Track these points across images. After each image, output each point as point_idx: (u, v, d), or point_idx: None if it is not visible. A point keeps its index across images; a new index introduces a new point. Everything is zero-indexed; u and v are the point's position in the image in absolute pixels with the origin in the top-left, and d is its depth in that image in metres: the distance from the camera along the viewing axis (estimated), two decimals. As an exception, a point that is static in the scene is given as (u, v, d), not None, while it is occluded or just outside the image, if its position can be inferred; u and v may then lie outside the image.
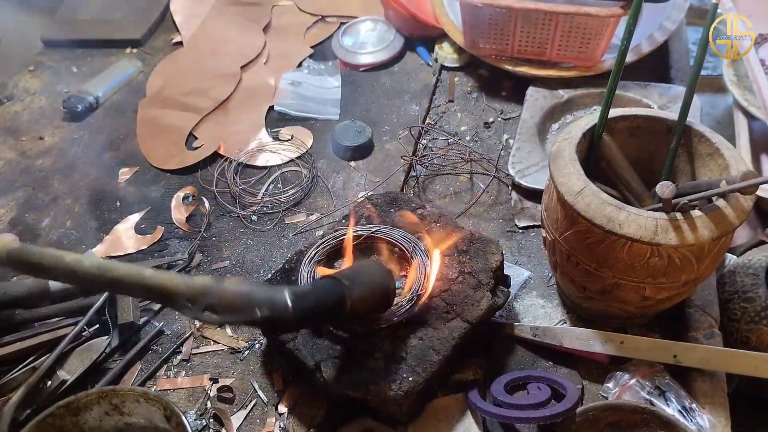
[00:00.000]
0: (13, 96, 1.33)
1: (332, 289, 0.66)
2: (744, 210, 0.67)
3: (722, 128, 1.19)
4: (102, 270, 0.60)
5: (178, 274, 0.60)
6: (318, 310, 0.63)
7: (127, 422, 0.72)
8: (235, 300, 0.58)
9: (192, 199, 1.08)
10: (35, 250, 0.62)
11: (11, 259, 0.61)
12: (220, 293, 0.58)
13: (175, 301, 0.58)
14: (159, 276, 0.59)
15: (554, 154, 0.75)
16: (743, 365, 0.74)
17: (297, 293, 0.61)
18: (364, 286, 0.68)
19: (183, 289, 0.58)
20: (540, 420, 0.70)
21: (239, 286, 0.59)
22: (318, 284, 0.66)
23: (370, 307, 0.70)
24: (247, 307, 0.58)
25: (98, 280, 0.60)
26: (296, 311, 0.60)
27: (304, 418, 0.78)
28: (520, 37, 1.16)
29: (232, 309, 0.58)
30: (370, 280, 0.70)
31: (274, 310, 0.59)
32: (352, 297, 0.66)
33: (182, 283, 0.58)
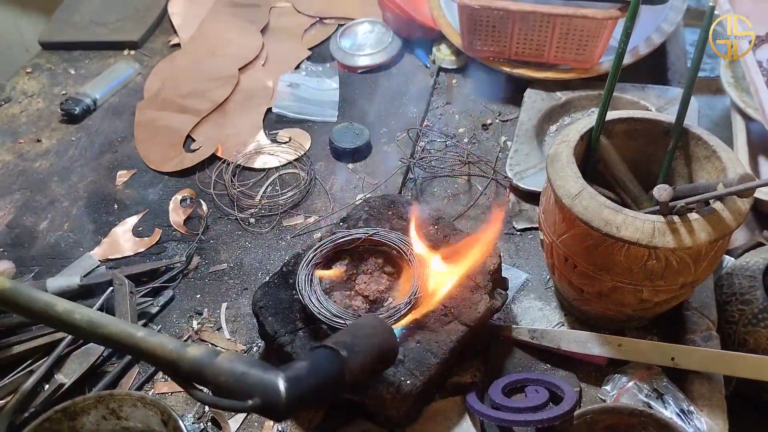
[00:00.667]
0: (11, 98, 1.32)
1: (330, 365, 0.59)
2: (741, 213, 0.67)
3: (719, 130, 1.19)
4: (92, 325, 0.58)
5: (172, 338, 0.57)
6: (315, 392, 0.57)
7: (125, 426, 0.72)
8: (229, 380, 0.54)
9: (190, 202, 1.08)
10: (26, 294, 0.59)
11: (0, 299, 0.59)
12: (212, 371, 0.54)
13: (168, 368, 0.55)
14: (150, 340, 0.56)
15: (552, 157, 0.75)
16: (741, 368, 0.74)
17: (291, 379, 0.55)
18: (364, 353, 0.61)
19: (174, 358, 0.55)
20: (538, 423, 0.70)
21: (233, 365, 0.55)
22: (314, 361, 0.59)
23: (371, 374, 0.64)
24: (238, 392, 0.54)
25: (87, 334, 0.58)
26: (290, 400, 0.54)
27: (301, 421, 0.78)
28: (518, 39, 1.16)
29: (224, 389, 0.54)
30: (371, 343, 0.63)
31: (266, 398, 0.54)
32: (352, 369, 0.59)
33: (174, 352, 0.55)
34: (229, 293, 0.94)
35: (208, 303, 0.93)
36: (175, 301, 0.93)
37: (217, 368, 0.54)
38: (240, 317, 0.91)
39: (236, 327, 0.90)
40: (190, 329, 0.89)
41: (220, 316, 0.91)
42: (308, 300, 0.77)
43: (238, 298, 0.93)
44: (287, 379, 0.55)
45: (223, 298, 0.94)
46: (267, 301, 0.80)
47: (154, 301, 0.92)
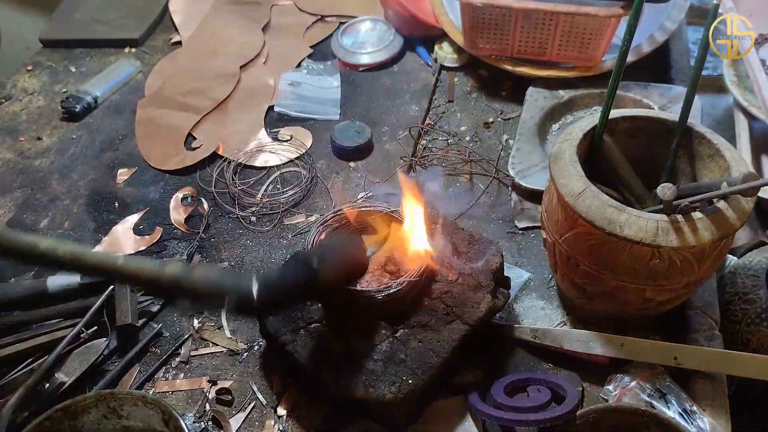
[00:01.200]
0: (12, 96, 1.32)
1: (301, 271, 0.66)
2: (745, 212, 0.67)
3: (723, 129, 1.19)
4: (75, 258, 0.61)
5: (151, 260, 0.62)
6: (286, 294, 0.65)
7: (125, 425, 0.72)
8: (205, 288, 0.60)
9: (191, 200, 1.08)
10: (10, 236, 0.64)
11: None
12: (190, 282, 0.59)
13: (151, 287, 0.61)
14: (131, 263, 0.60)
15: (555, 155, 0.74)
16: (744, 367, 0.74)
17: (264, 281, 0.62)
18: (334, 259, 0.69)
19: (155, 277, 0.59)
20: (540, 423, 0.70)
21: (209, 275, 0.60)
22: (287, 268, 0.67)
23: (342, 279, 0.72)
24: (215, 295, 0.60)
25: (72, 265, 0.62)
26: (261, 299, 0.61)
27: (303, 420, 0.78)
28: (520, 37, 1.16)
29: (202, 297, 0.60)
30: (341, 251, 0.72)
31: (241, 298, 0.60)
32: (323, 274, 0.66)
33: (154, 271, 0.60)
34: (230, 292, 0.94)
35: (209, 301, 0.93)
36: (176, 299, 0.93)
37: (195, 280, 0.60)
38: (241, 316, 0.91)
39: (237, 326, 0.89)
40: (191, 328, 0.89)
41: (221, 314, 0.91)
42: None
43: (239, 297, 0.93)
44: (260, 281, 0.62)
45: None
46: (268, 299, 0.79)
47: (154, 299, 0.92)
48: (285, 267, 0.67)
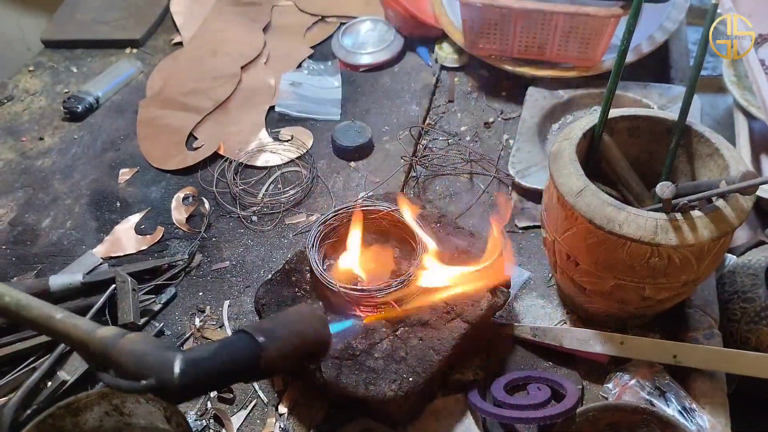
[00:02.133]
0: (13, 96, 1.33)
1: (241, 350, 0.57)
2: (744, 210, 0.67)
3: (722, 128, 1.19)
4: (19, 308, 0.59)
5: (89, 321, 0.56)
6: (216, 375, 0.55)
7: (128, 423, 0.72)
8: (129, 362, 0.53)
9: (192, 200, 1.08)
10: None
11: None
12: (116, 352, 0.53)
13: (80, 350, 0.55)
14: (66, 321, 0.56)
15: (554, 155, 0.75)
16: (743, 365, 0.74)
17: (189, 360, 0.53)
18: (284, 341, 0.59)
19: (84, 339, 0.55)
20: (540, 420, 0.70)
21: (135, 346, 0.54)
22: (225, 344, 0.57)
23: (292, 363, 0.61)
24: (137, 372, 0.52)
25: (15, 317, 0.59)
26: (183, 381, 0.53)
27: (303, 418, 0.78)
28: (520, 38, 1.16)
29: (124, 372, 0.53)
30: (295, 331, 0.61)
31: (160, 379, 0.52)
32: (267, 356, 0.57)
33: (85, 333, 0.55)
34: (231, 291, 0.94)
35: (210, 300, 0.93)
36: (178, 298, 0.94)
37: (121, 349, 0.54)
38: (242, 315, 0.91)
39: (239, 324, 0.90)
40: (193, 327, 0.89)
41: (222, 313, 0.91)
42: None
43: (241, 296, 0.93)
44: (185, 360, 0.54)
45: (226, 295, 0.94)
46: (269, 298, 0.80)
47: (156, 298, 0.92)
48: (223, 342, 0.57)
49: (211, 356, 0.55)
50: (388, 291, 0.75)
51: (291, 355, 0.59)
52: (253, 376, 0.59)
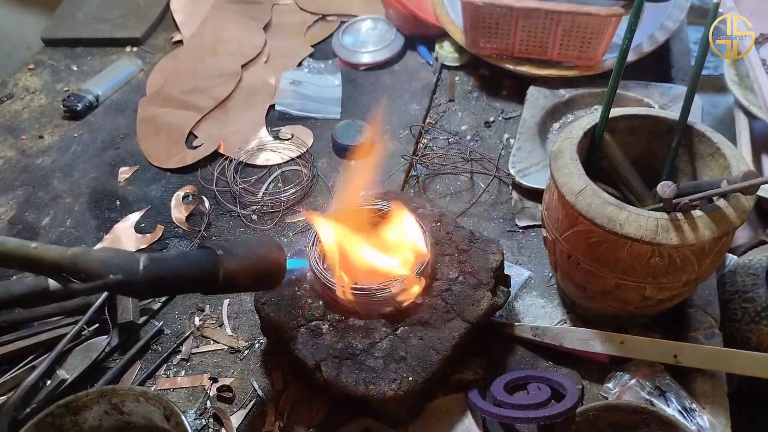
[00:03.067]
0: (13, 94, 1.33)
1: (201, 257, 0.63)
2: (745, 210, 0.67)
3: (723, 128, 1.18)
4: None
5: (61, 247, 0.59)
6: (178, 276, 0.62)
7: (127, 421, 0.72)
8: (98, 266, 0.57)
9: (192, 198, 1.08)
10: None
11: None
12: (85, 260, 0.57)
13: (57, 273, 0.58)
14: (40, 247, 0.58)
15: (555, 154, 0.75)
16: (743, 365, 0.74)
17: (154, 258, 0.60)
18: (243, 256, 0.65)
19: (56, 258, 0.57)
20: (540, 420, 0.70)
21: (104, 253, 0.59)
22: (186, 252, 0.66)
23: (252, 279, 0.67)
24: (105, 272, 0.57)
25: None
26: (147, 275, 0.58)
27: (303, 417, 0.78)
28: (521, 37, 1.16)
29: (94, 275, 0.57)
30: (253, 251, 0.67)
31: (126, 273, 0.58)
32: (227, 267, 0.63)
33: (57, 253, 0.58)
34: (231, 290, 0.94)
35: (209, 299, 0.93)
36: (177, 297, 0.93)
37: (90, 257, 0.58)
38: (242, 314, 0.91)
39: (238, 323, 0.90)
40: (192, 326, 0.89)
41: (222, 312, 0.91)
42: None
43: (240, 295, 0.93)
44: (150, 257, 0.60)
45: (225, 294, 0.94)
46: (269, 297, 0.80)
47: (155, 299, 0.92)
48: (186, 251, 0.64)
49: (173, 258, 0.62)
50: (388, 290, 0.75)
51: (249, 270, 0.66)
52: (214, 285, 0.64)
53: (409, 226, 0.80)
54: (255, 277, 0.67)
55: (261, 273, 0.68)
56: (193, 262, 0.63)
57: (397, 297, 0.75)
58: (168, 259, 0.62)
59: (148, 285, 0.59)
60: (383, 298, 0.75)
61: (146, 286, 0.59)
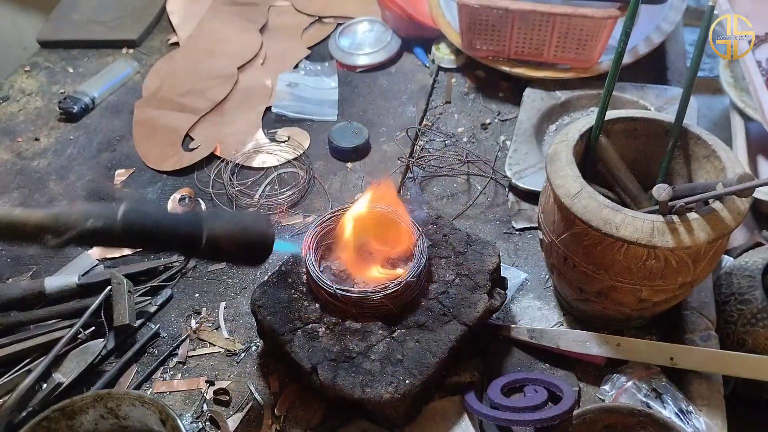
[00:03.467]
0: (9, 97, 1.32)
1: (185, 216, 0.64)
2: (740, 212, 0.67)
3: (718, 130, 1.19)
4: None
5: (42, 209, 0.60)
6: (158, 229, 0.61)
7: (123, 426, 0.72)
8: (78, 216, 0.57)
9: (188, 201, 1.08)
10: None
11: None
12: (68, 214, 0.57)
13: (39, 235, 0.57)
14: (25, 210, 0.59)
15: (551, 156, 0.75)
16: (740, 367, 0.74)
17: (134, 208, 0.59)
18: (228, 222, 0.64)
19: (41, 218, 0.57)
20: (537, 423, 0.70)
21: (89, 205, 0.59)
22: (171, 213, 0.65)
23: (236, 247, 0.65)
24: (84, 220, 0.57)
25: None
26: (126, 222, 0.58)
27: (300, 420, 0.78)
28: (517, 39, 1.16)
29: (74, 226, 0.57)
30: (240, 219, 0.67)
31: (106, 220, 0.57)
32: (211, 230, 0.62)
33: (41, 213, 0.58)
34: (227, 292, 0.94)
35: (206, 302, 0.93)
36: (174, 300, 0.93)
37: (72, 211, 0.58)
38: (239, 316, 0.91)
39: (235, 326, 0.90)
40: (189, 329, 0.89)
41: (218, 315, 0.91)
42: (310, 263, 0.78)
43: (237, 297, 0.93)
44: (130, 207, 0.59)
45: (222, 297, 0.93)
46: (266, 300, 0.80)
47: (152, 300, 0.92)
48: (167, 211, 0.65)
49: (156, 210, 0.62)
50: (385, 292, 0.75)
51: (234, 237, 0.64)
52: (196, 246, 0.63)
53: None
54: (239, 246, 0.65)
55: (246, 243, 0.66)
56: (175, 218, 0.63)
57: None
58: (150, 213, 0.61)
59: (126, 233, 0.58)
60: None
61: (124, 235, 0.58)
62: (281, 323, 0.77)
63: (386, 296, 0.75)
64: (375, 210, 0.83)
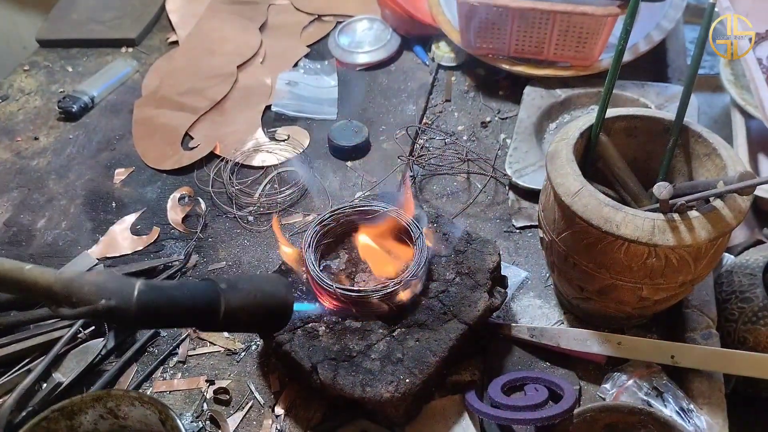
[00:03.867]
0: (8, 96, 1.32)
1: (202, 289, 0.60)
2: (741, 210, 0.67)
3: (719, 127, 1.19)
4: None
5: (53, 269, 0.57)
6: (175, 307, 0.58)
7: (123, 425, 0.72)
8: (91, 290, 0.54)
9: (188, 200, 1.08)
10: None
11: None
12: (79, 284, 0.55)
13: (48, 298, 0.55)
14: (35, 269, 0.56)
15: (551, 155, 0.74)
16: (741, 365, 0.74)
17: (151, 285, 0.56)
18: (247, 292, 0.62)
19: (51, 281, 0.55)
20: (537, 421, 0.70)
21: (98, 276, 0.56)
22: (188, 283, 0.61)
23: (256, 318, 0.64)
24: (97, 297, 0.54)
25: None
26: (142, 302, 0.55)
27: (300, 420, 0.78)
28: (517, 36, 1.16)
29: (86, 300, 0.54)
30: (258, 287, 0.64)
31: (119, 299, 0.54)
32: (229, 302, 0.60)
33: (52, 276, 0.55)
34: (227, 291, 0.94)
35: (206, 301, 0.93)
36: (174, 299, 0.93)
37: (85, 280, 0.55)
38: (238, 316, 0.90)
39: (235, 325, 0.89)
40: (188, 328, 0.89)
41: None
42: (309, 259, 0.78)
43: (237, 297, 0.93)
44: (146, 284, 0.56)
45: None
46: (265, 299, 0.79)
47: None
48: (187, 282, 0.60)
49: (171, 287, 0.59)
50: (385, 292, 0.75)
51: (252, 308, 0.62)
52: (213, 321, 0.60)
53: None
54: (258, 317, 0.63)
55: (265, 313, 0.64)
56: (192, 294, 0.59)
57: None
58: (165, 288, 0.58)
59: (141, 314, 0.56)
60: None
61: (139, 315, 0.56)
62: (281, 322, 0.77)
63: (386, 295, 0.75)
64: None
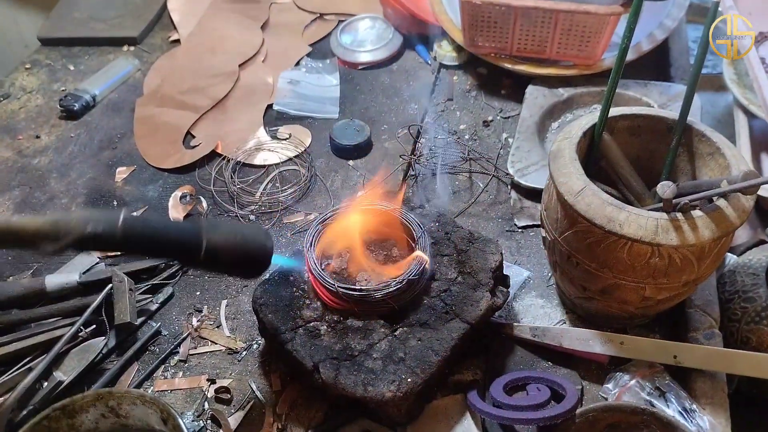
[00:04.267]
0: (10, 94, 1.32)
1: (185, 225, 0.65)
2: (745, 210, 0.67)
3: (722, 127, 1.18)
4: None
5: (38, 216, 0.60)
6: (158, 236, 0.62)
7: (124, 424, 0.72)
8: (77, 222, 0.58)
9: (189, 199, 1.08)
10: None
11: None
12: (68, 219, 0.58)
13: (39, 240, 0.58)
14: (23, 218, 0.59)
15: (554, 154, 0.74)
16: (743, 365, 0.74)
17: (136, 216, 0.61)
18: (228, 233, 0.65)
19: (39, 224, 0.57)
20: (539, 421, 0.69)
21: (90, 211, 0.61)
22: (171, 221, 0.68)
23: (235, 258, 0.66)
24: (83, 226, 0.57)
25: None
26: (126, 229, 0.59)
27: (302, 419, 0.78)
28: (520, 35, 1.16)
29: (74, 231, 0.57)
30: (239, 230, 0.68)
31: (106, 225, 0.58)
32: (211, 240, 0.63)
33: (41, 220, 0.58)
34: (228, 290, 0.94)
35: (207, 300, 0.93)
36: (175, 298, 0.93)
37: (70, 215, 0.58)
38: (240, 314, 0.90)
39: (236, 324, 0.89)
40: (190, 326, 0.89)
41: (219, 313, 0.91)
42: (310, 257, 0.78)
43: (238, 296, 0.93)
44: (131, 215, 0.60)
45: (223, 295, 0.93)
46: (267, 298, 0.79)
47: (153, 298, 0.91)
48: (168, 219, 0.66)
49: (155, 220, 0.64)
50: (387, 291, 0.75)
51: (233, 248, 0.65)
52: (195, 256, 0.63)
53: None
54: (238, 258, 0.66)
55: (245, 255, 0.67)
56: (176, 228, 0.64)
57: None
58: (150, 220, 0.62)
59: (126, 239, 0.59)
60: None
61: (123, 240, 0.59)
62: (283, 321, 0.77)
63: (388, 294, 0.75)
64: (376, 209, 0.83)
